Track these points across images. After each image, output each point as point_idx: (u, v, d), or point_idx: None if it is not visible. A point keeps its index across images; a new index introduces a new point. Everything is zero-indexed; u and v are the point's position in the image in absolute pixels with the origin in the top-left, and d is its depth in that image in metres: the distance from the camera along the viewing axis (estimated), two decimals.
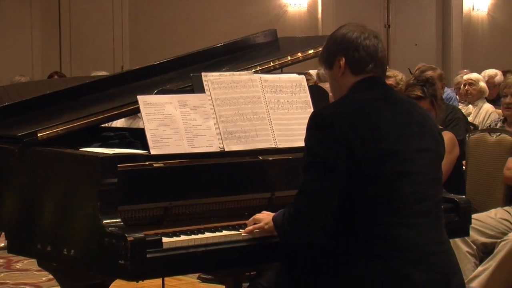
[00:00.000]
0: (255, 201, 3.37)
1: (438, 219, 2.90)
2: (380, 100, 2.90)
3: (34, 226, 3.21)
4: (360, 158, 2.75)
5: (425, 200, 2.85)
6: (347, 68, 2.94)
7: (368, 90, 2.92)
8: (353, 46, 2.93)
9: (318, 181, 2.78)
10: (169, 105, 3.26)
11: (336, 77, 2.98)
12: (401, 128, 2.85)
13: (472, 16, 15.79)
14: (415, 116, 2.93)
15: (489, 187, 5.01)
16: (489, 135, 5.15)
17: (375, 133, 2.79)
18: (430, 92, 4.82)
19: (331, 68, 2.99)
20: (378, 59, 2.95)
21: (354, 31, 2.95)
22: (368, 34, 2.95)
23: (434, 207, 2.88)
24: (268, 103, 3.48)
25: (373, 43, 2.95)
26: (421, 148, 2.88)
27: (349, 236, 2.80)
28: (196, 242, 2.99)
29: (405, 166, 2.81)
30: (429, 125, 2.96)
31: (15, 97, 4.24)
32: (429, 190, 2.87)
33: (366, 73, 2.93)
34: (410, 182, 2.81)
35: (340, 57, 2.95)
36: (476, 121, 7.77)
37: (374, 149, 2.77)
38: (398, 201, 2.79)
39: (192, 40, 11.74)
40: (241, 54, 4.12)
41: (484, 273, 4.54)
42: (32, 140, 3.24)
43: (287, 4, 13.95)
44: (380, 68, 2.97)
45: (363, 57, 2.93)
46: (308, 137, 2.85)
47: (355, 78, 2.93)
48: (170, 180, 3.19)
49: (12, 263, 6.49)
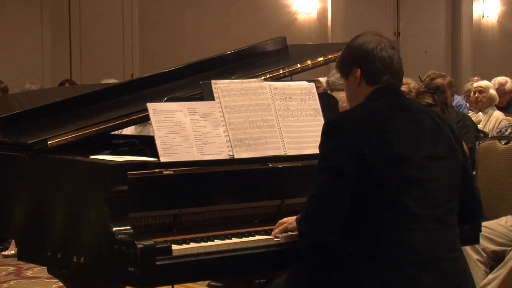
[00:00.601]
0: (265, 209, 3.37)
1: (450, 226, 2.90)
2: (393, 107, 2.92)
3: (44, 233, 3.22)
4: (371, 163, 2.78)
5: (436, 206, 2.85)
6: (362, 79, 2.97)
7: (382, 98, 2.94)
8: (369, 58, 2.95)
9: (329, 185, 2.81)
10: (179, 113, 3.26)
11: (352, 87, 3.01)
12: (413, 135, 2.87)
13: (482, 24, 15.76)
14: (428, 124, 2.93)
15: (499, 194, 4.99)
16: (499, 142, 5.14)
17: (386, 139, 2.81)
18: (440, 99, 4.82)
19: (347, 78, 3.02)
20: (394, 70, 2.97)
21: (371, 42, 2.96)
22: (384, 45, 2.96)
23: (446, 214, 2.88)
24: (277, 111, 3.48)
25: (389, 54, 2.96)
26: (433, 155, 2.88)
27: (358, 238, 2.82)
28: (205, 250, 3.00)
29: (415, 172, 2.82)
30: (445, 133, 2.95)
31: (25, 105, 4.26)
32: (441, 197, 2.87)
33: (382, 83, 2.95)
34: (420, 188, 2.82)
35: (356, 69, 2.97)
36: (486, 129, 7.75)
37: (385, 155, 2.79)
38: (407, 206, 2.80)
39: (202, 47, 11.76)
40: (251, 61, 4.12)
41: (495, 281, 4.52)
42: (42, 147, 3.25)
43: (297, 11, 13.94)
44: (396, 79, 2.99)
45: (379, 68, 2.95)
46: (321, 143, 2.90)
47: (370, 89, 2.96)
48: (180, 188, 3.19)
49: (22, 271, 6.50)
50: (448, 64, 15.26)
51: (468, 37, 15.40)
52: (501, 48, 15.72)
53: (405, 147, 2.83)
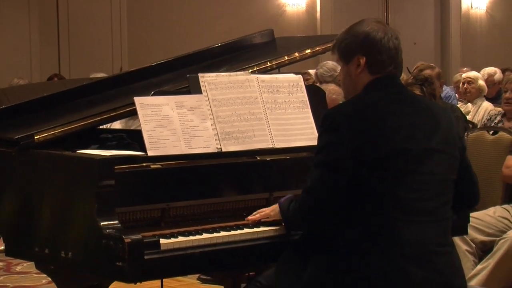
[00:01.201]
0: (253, 202, 3.37)
1: (443, 220, 2.89)
2: (393, 100, 2.90)
3: (31, 228, 3.21)
4: (367, 157, 2.77)
5: (430, 200, 2.84)
6: (365, 68, 2.94)
7: (382, 89, 2.92)
8: (376, 48, 2.92)
9: (323, 180, 2.82)
10: (166, 106, 3.26)
11: (351, 73, 2.97)
12: (411, 128, 2.85)
13: (471, 14, 15.79)
14: (428, 117, 2.92)
15: (488, 185, 5.00)
16: (488, 133, 5.15)
17: (384, 134, 2.80)
18: (428, 91, 4.83)
19: (348, 63, 2.98)
20: (398, 62, 2.96)
21: (378, 30, 2.93)
22: (390, 35, 2.94)
23: (439, 208, 2.88)
24: (265, 103, 3.48)
25: (395, 45, 2.94)
26: (432, 148, 2.87)
27: (351, 230, 2.82)
28: (194, 243, 2.99)
29: (413, 165, 2.81)
30: (444, 126, 2.93)
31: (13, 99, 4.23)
32: (435, 190, 2.87)
33: (384, 73, 2.94)
34: (416, 181, 2.82)
35: (361, 56, 2.93)
36: (475, 120, 7.75)
37: (381, 149, 2.78)
38: (400, 199, 2.79)
39: (190, 41, 11.74)
40: (238, 54, 4.11)
41: (483, 271, 4.53)
42: (29, 142, 3.23)
43: (286, 4, 13.95)
44: (398, 70, 2.98)
45: (385, 59, 2.92)
46: (318, 136, 2.91)
47: (371, 77, 2.94)
48: (168, 182, 3.19)
49: (12, 266, 6.49)
50: (437, 55, 15.29)
51: (457, 28, 15.43)
52: (490, 39, 15.76)
53: (402, 141, 2.81)
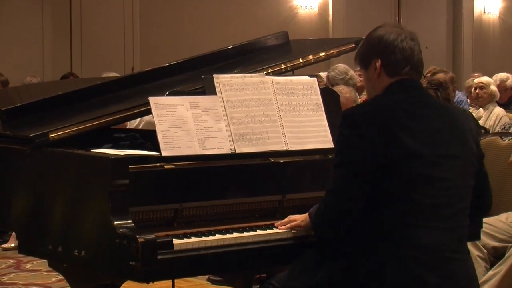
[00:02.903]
0: (266, 204, 3.37)
1: (459, 227, 2.88)
2: (413, 103, 2.90)
3: (45, 226, 3.22)
4: (386, 159, 2.77)
5: (447, 206, 2.84)
6: (382, 70, 2.95)
7: (401, 92, 2.92)
8: (390, 49, 2.93)
9: (346, 181, 2.83)
10: (181, 107, 3.26)
11: (371, 78, 2.99)
12: (431, 133, 2.85)
13: (483, 19, 15.75)
14: (447, 122, 2.92)
15: (500, 191, 4.99)
16: (501, 139, 5.13)
17: (403, 136, 2.79)
18: (443, 96, 4.82)
19: (367, 69, 3.00)
20: (414, 62, 2.95)
21: (391, 33, 2.95)
22: (405, 36, 2.95)
23: (456, 215, 2.87)
24: (279, 106, 3.48)
25: (409, 45, 2.94)
26: (450, 154, 2.87)
27: (366, 232, 2.82)
28: (206, 244, 2.99)
29: (430, 170, 2.81)
30: (463, 131, 2.94)
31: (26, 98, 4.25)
32: (453, 197, 2.86)
33: (402, 75, 2.94)
34: (433, 186, 2.81)
35: (376, 59, 2.95)
36: (486, 125, 7.73)
37: (400, 152, 2.78)
38: (418, 204, 2.79)
39: (202, 42, 11.75)
40: (253, 56, 4.12)
41: (495, 277, 4.51)
42: (43, 141, 3.24)
43: (298, 6, 13.93)
44: (415, 71, 2.97)
45: (399, 60, 2.93)
46: (338, 136, 2.91)
47: (390, 80, 2.94)
48: (181, 182, 3.19)
49: (22, 264, 6.50)
50: (449, 60, 15.26)
51: (469, 33, 15.39)
52: (502, 44, 15.71)
53: (422, 145, 2.81)
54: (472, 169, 2.96)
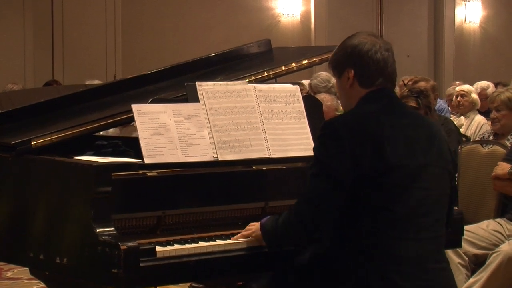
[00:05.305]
0: (249, 211, 3.38)
1: (438, 236, 2.89)
2: (390, 112, 2.88)
3: (26, 234, 3.20)
4: (366, 171, 2.75)
5: (426, 215, 2.83)
6: (355, 81, 2.93)
7: (376, 102, 2.90)
8: (363, 60, 2.91)
9: (323, 190, 2.79)
10: (163, 114, 3.26)
11: (344, 86, 2.98)
12: (410, 141, 2.84)
13: (464, 28, 15.84)
14: (424, 131, 2.91)
15: (481, 198, 5.02)
16: (482, 146, 5.16)
17: (383, 148, 2.78)
18: (424, 103, 4.84)
19: (340, 77, 2.99)
20: (388, 73, 2.94)
21: (366, 43, 2.92)
22: (379, 47, 2.93)
23: (435, 224, 2.87)
24: (262, 113, 3.49)
25: (383, 57, 2.92)
26: (427, 163, 2.86)
27: (347, 244, 2.81)
28: (189, 251, 3.00)
29: (410, 181, 2.80)
30: (438, 140, 2.93)
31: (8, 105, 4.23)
32: (432, 206, 2.86)
33: (375, 86, 2.92)
34: (413, 196, 2.81)
35: (349, 69, 2.94)
36: (467, 133, 7.78)
37: (381, 163, 2.76)
38: (399, 214, 2.78)
39: (184, 49, 11.75)
40: (235, 63, 4.12)
41: (476, 284, 4.54)
42: (25, 148, 3.23)
43: (280, 14, 13.96)
44: (389, 82, 2.96)
45: (373, 71, 2.91)
46: (317, 146, 2.87)
47: (363, 91, 2.93)
48: (164, 189, 3.19)
49: (3, 272, 6.46)
50: (430, 68, 15.33)
51: (450, 41, 15.47)
52: (483, 53, 15.81)
53: (401, 156, 2.80)
54: (448, 177, 2.96)
